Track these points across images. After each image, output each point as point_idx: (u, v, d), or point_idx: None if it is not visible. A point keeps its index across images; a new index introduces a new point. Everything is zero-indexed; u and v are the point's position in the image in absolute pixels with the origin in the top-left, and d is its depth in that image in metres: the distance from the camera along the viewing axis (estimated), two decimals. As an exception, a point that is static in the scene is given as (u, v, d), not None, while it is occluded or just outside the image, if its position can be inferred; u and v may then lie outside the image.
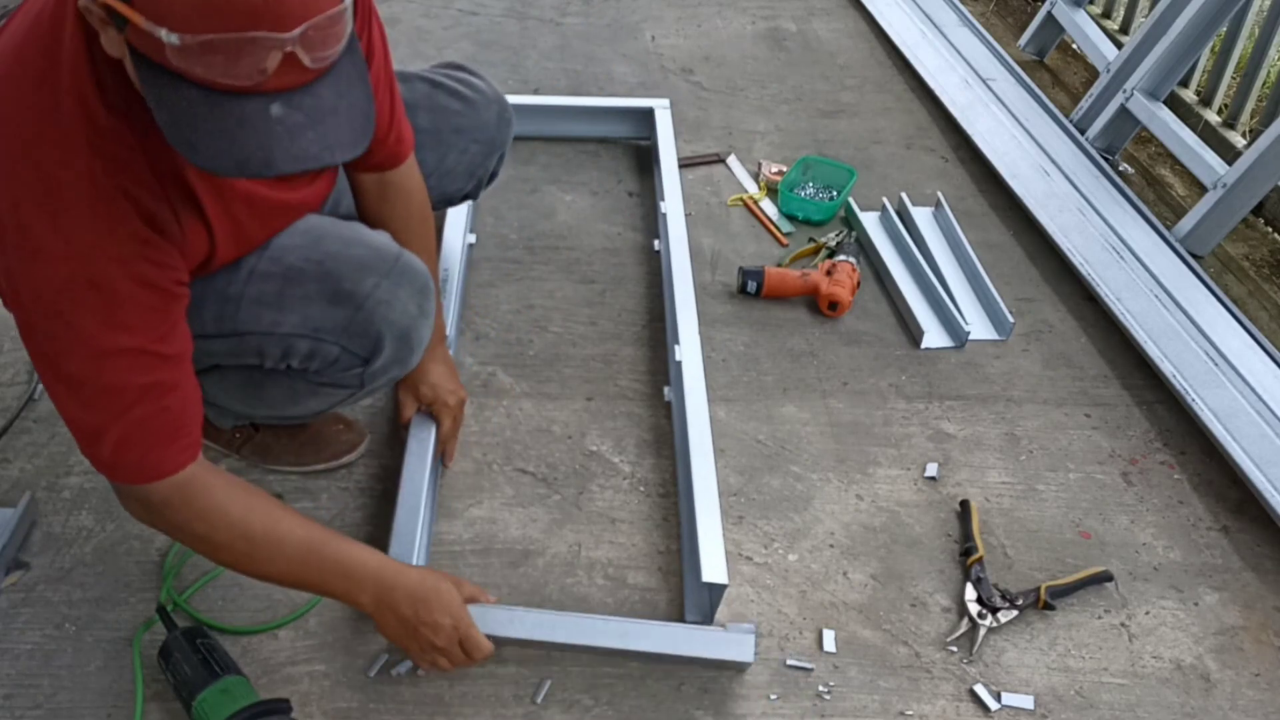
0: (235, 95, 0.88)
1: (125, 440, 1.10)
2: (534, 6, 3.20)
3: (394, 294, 1.31)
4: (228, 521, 1.18)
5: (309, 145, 0.91)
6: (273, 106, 0.89)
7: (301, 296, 1.29)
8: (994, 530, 1.62)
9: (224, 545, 1.19)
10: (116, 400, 1.08)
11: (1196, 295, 2.03)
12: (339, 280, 1.29)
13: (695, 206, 2.32)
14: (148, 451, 1.12)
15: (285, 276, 1.29)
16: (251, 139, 0.89)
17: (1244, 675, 1.43)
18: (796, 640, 1.44)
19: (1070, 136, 2.52)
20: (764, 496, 1.65)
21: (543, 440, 1.73)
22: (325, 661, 1.38)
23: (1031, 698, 1.38)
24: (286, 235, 1.31)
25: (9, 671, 1.35)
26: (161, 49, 0.84)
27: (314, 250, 1.30)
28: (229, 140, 0.89)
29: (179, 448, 1.13)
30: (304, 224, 1.33)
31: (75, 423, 1.11)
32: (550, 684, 1.36)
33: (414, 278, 1.34)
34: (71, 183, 0.99)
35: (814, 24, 3.20)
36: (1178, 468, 1.75)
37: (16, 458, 1.64)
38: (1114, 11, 3.07)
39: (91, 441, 1.11)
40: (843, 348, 1.96)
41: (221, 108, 0.87)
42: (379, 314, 1.31)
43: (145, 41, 0.86)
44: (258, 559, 1.21)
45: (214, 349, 1.30)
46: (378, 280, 1.30)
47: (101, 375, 1.07)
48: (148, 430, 1.11)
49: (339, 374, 1.36)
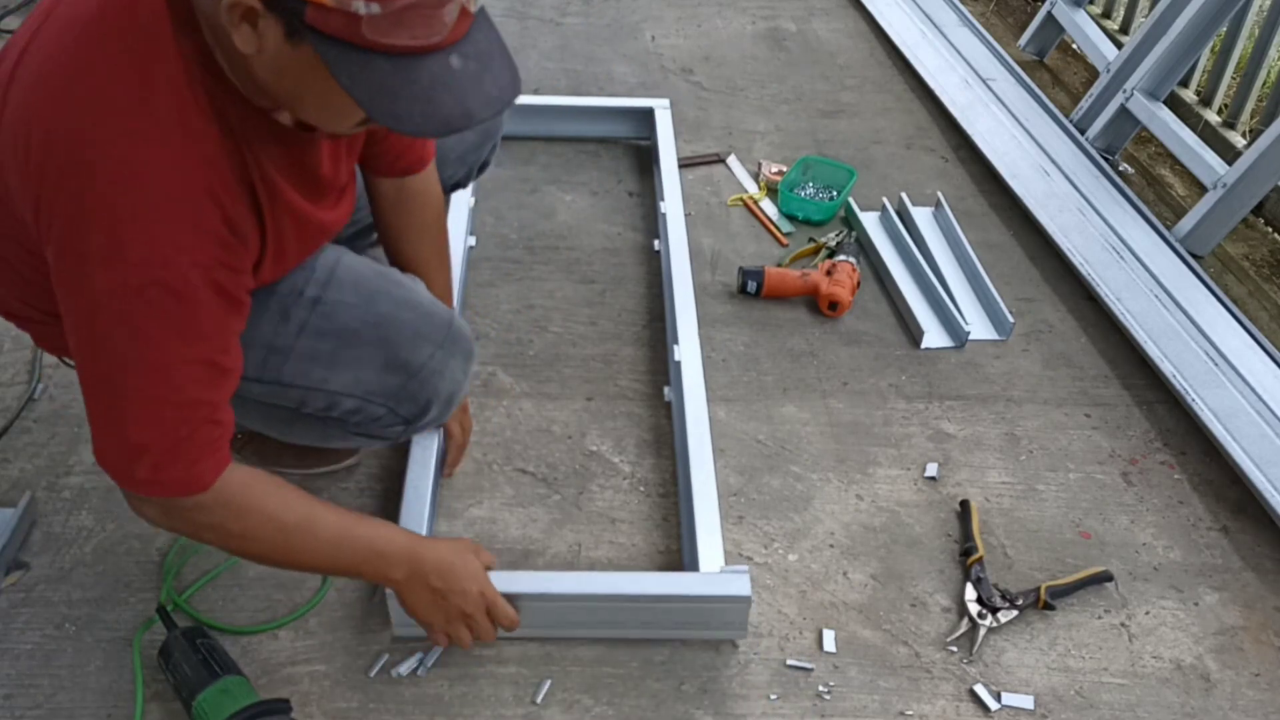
0: (419, 56, 0.89)
1: (170, 456, 1.06)
2: (534, 6, 3.20)
3: (446, 363, 1.33)
4: (264, 517, 1.16)
5: (490, 89, 0.93)
6: (452, 59, 0.91)
7: (355, 359, 1.29)
8: (994, 530, 1.62)
9: (260, 540, 1.18)
10: (171, 415, 1.04)
11: (1196, 295, 2.03)
12: (396, 348, 1.28)
13: (695, 206, 2.32)
14: (191, 466, 1.07)
15: (340, 337, 1.28)
16: (447, 96, 0.91)
17: (1244, 675, 1.43)
18: (796, 640, 1.44)
19: (1070, 136, 2.52)
20: (764, 496, 1.65)
21: (543, 440, 1.73)
22: (325, 661, 1.38)
23: (1031, 698, 1.38)
24: (337, 289, 1.28)
25: (9, 671, 1.35)
26: (355, 24, 0.85)
27: (368, 311, 1.29)
28: (427, 102, 0.90)
29: (219, 458, 1.10)
30: (352, 277, 1.31)
31: (116, 438, 1.06)
32: (550, 684, 1.36)
33: (464, 345, 1.37)
34: (162, 179, 0.97)
35: (814, 24, 3.20)
36: (1178, 468, 1.75)
37: (16, 458, 1.64)
38: (1114, 11, 3.07)
39: (130, 458, 1.06)
40: (843, 348, 1.96)
41: (413, 72, 0.89)
42: (431, 383, 1.33)
43: (333, 21, 0.86)
44: (293, 549, 1.20)
45: (250, 390, 1.26)
46: (433, 350, 1.31)
47: (161, 387, 1.03)
48: (193, 445, 1.07)
49: (379, 429, 1.37)
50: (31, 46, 1.01)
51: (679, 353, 1.75)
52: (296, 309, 1.27)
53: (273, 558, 1.23)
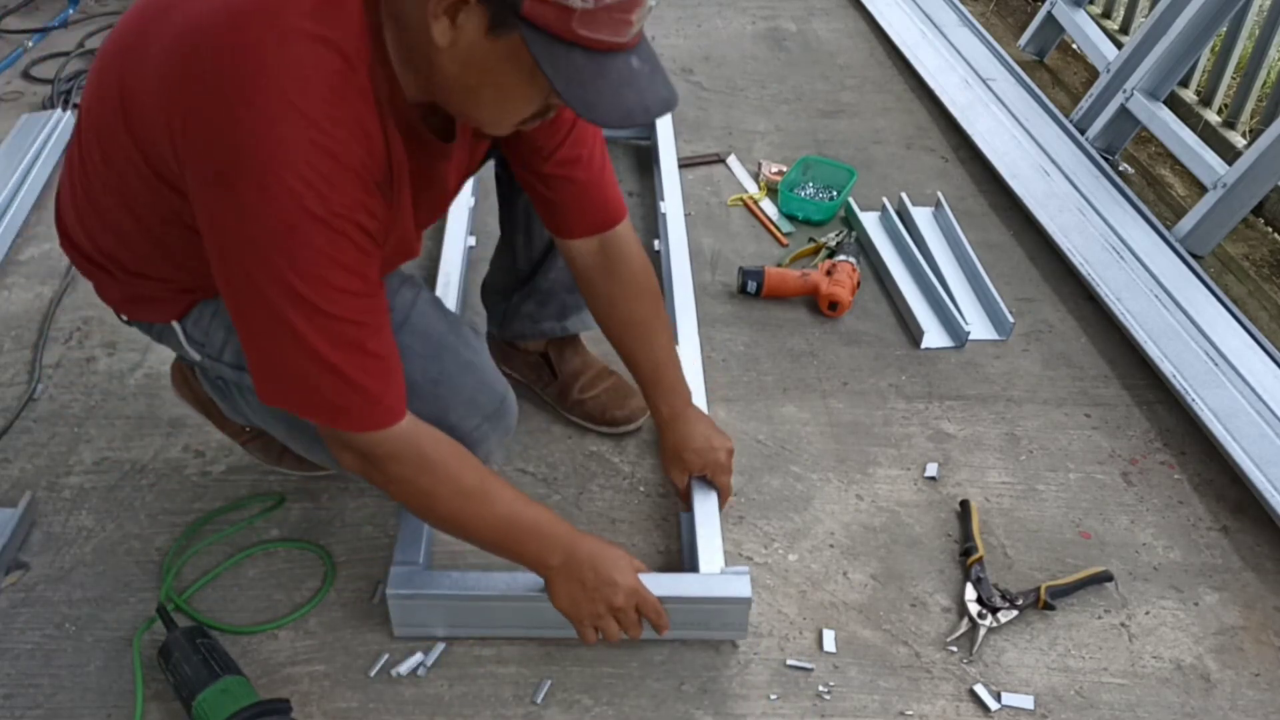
0: (611, 54, 0.98)
1: (350, 381, 1.07)
2: (534, 6, 3.19)
3: (488, 436, 1.34)
4: (449, 474, 1.18)
5: (660, 89, 1.03)
6: (633, 60, 1.00)
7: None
8: (994, 530, 1.62)
9: (444, 499, 1.19)
10: (343, 332, 1.05)
11: (1196, 295, 2.03)
12: (446, 410, 1.29)
13: (695, 206, 2.32)
14: (379, 397, 1.09)
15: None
16: (630, 92, 1.00)
17: (1244, 675, 1.43)
18: (796, 640, 1.44)
19: (1070, 136, 2.52)
20: (764, 496, 1.65)
21: (543, 440, 1.73)
22: (325, 661, 1.38)
23: (1031, 698, 1.38)
24: (409, 334, 1.27)
25: (9, 671, 1.35)
26: (568, 17, 0.93)
27: (431, 365, 1.28)
28: (615, 95, 0.99)
29: (398, 395, 1.12)
30: (424, 325, 1.30)
31: (298, 352, 1.05)
32: (550, 684, 1.36)
33: (509, 421, 1.37)
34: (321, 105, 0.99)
35: (814, 24, 3.20)
36: (1178, 468, 1.75)
37: (16, 458, 1.64)
38: (1114, 11, 3.07)
39: (314, 378, 1.06)
40: (843, 348, 1.96)
41: (604, 67, 0.98)
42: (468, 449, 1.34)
43: (546, 13, 0.94)
44: (468, 515, 1.22)
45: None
46: (480, 421, 1.32)
47: (321, 317, 1.04)
48: (371, 374, 1.08)
49: None
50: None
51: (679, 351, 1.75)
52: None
53: (448, 520, 1.24)
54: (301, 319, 1.03)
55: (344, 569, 1.50)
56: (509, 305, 1.70)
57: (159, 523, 1.55)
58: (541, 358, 1.74)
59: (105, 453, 1.65)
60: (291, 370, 1.07)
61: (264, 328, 1.06)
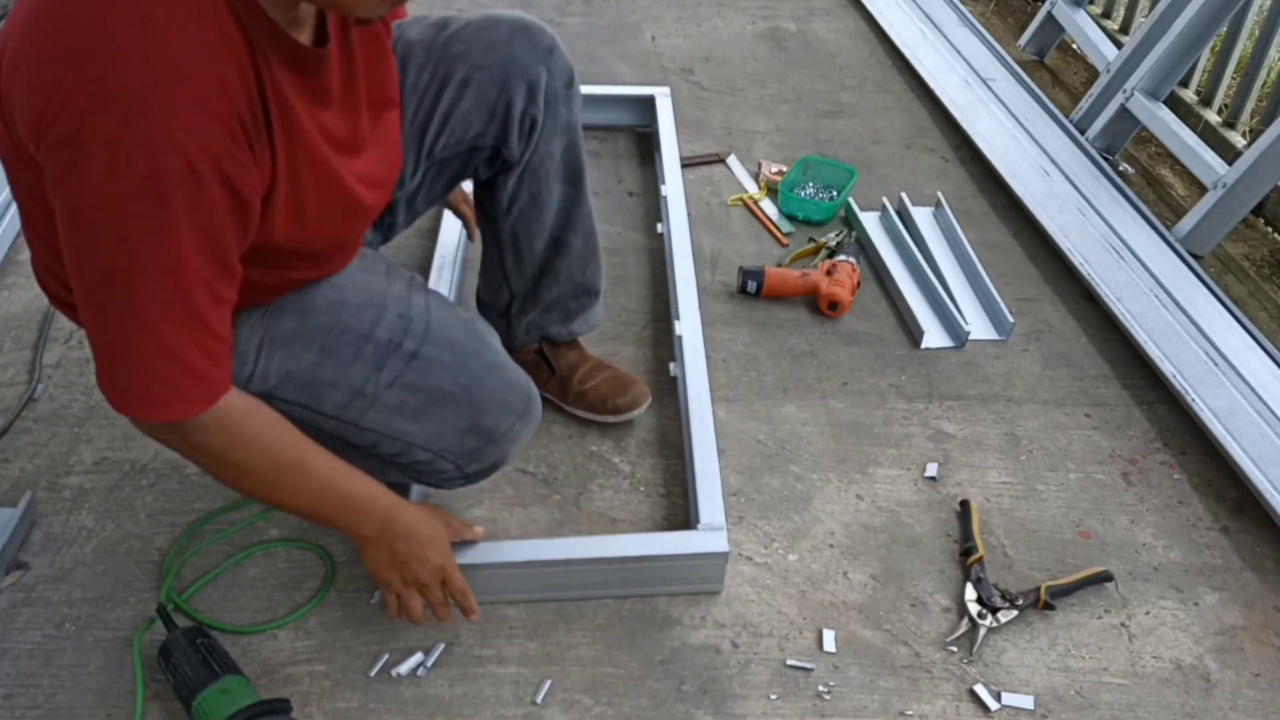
0: None
1: (176, 363, 1.01)
2: (534, 7, 3.20)
3: (521, 433, 1.37)
4: (262, 449, 1.15)
5: None
6: None
7: (441, 418, 1.30)
8: (994, 530, 1.62)
9: (255, 473, 1.17)
10: (180, 313, 0.99)
11: (1196, 295, 2.03)
12: (482, 415, 1.31)
13: (695, 206, 2.32)
14: (199, 378, 1.04)
15: (431, 396, 1.29)
16: None
17: (1244, 675, 1.43)
18: (796, 640, 1.44)
19: (1070, 136, 2.52)
20: (764, 496, 1.65)
21: (543, 440, 1.73)
22: (325, 661, 1.38)
23: (1031, 698, 1.38)
24: (434, 346, 1.28)
25: (9, 671, 1.35)
26: None
27: (460, 373, 1.30)
28: None
29: (224, 372, 1.07)
30: (446, 334, 1.31)
31: (119, 337, 0.99)
32: (550, 684, 1.36)
33: (537, 414, 1.40)
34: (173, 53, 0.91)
35: (814, 24, 3.20)
36: (1178, 468, 1.75)
37: (16, 458, 1.64)
38: (1114, 11, 3.07)
39: (132, 365, 1.01)
40: (843, 348, 1.96)
41: None
42: (503, 448, 1.37)
43: None
44: (282, 488, 1.20)
45: (322, 425, 1.27)
46: (513, 421, 1.34)
47: (163, 288, 0.97)
48: (201, 352, 1.03)
49: (437, 479, 1.39)
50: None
51: (680, 327, 1.83)
52: (393, 361, 1.27)
53: (259, 492, 1.22)
54: (133, 300, 0.97)
55: (344, 569, 1.50)
56: (509, 320, 1.72)
57: (159, 523, 1.55)
58: (538, 355, 1.74)
59: (105, 453, 1.65)
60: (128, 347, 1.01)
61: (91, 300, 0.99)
